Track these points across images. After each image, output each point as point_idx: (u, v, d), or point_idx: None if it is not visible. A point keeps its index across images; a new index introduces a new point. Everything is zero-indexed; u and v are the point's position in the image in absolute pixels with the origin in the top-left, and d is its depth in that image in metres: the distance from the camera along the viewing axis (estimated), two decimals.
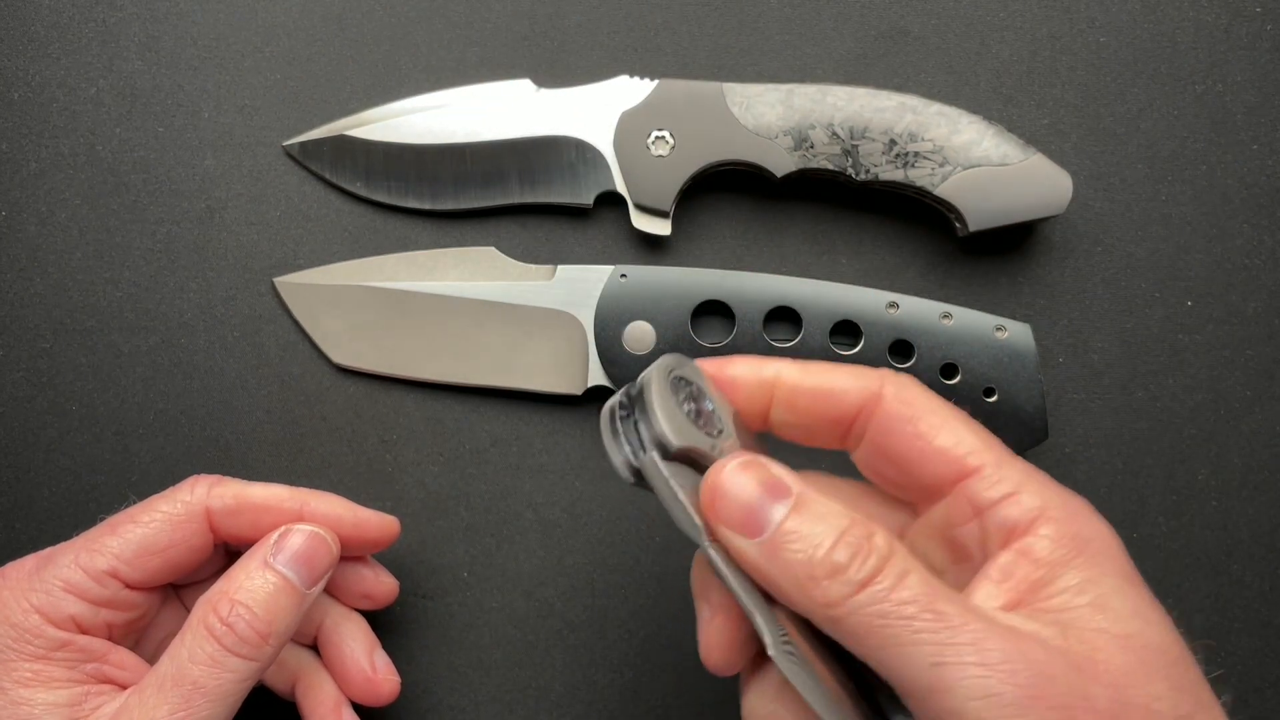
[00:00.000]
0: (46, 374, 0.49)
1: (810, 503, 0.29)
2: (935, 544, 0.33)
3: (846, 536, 0.28)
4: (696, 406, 0.33)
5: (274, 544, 0.37)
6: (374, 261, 0.48)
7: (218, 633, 0.34)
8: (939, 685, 0.26)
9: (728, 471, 0.30)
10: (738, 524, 0.29)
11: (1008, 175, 0.46)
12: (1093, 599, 0.29)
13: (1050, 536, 0.30)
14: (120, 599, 0.37)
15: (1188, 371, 0.49)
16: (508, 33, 0.50)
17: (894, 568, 0.28)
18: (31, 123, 0.50)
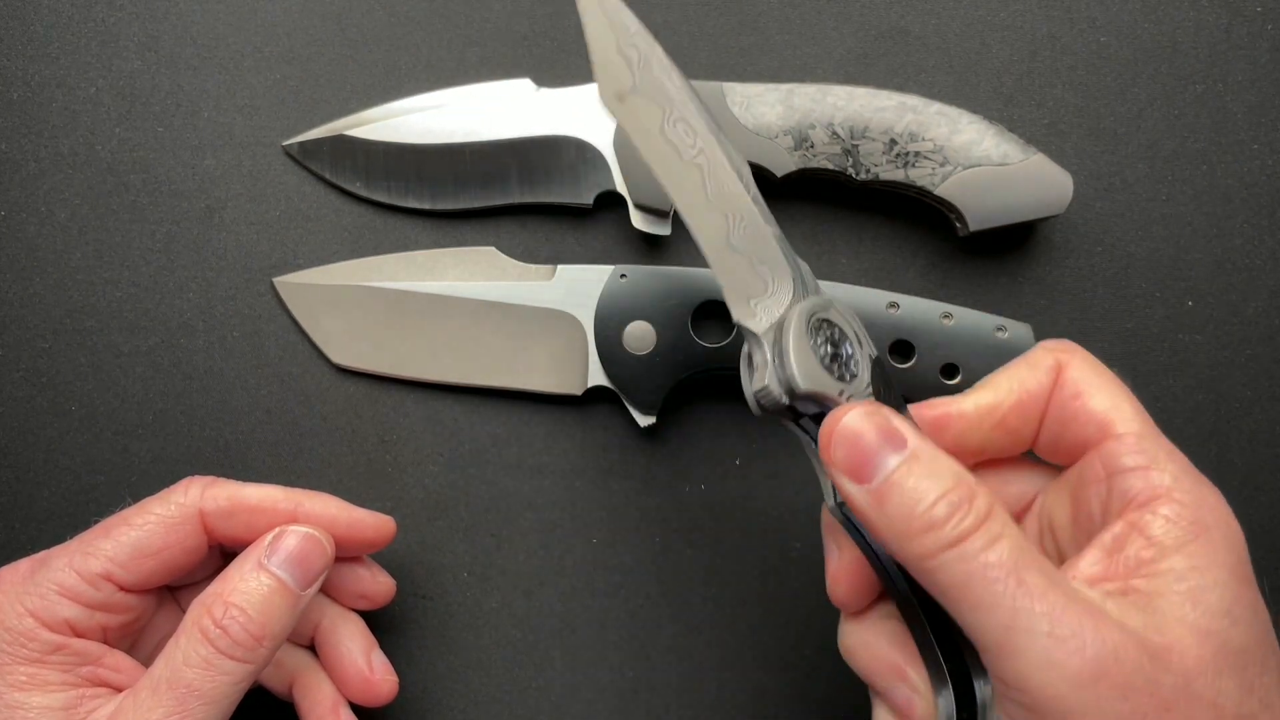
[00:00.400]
0: (46, 374, 0.49)
1: (922, 457, 0.30)
2: (1064, 501, 0.34)
3: (950, 495, 0.29)
4: (834, 350, 0.34)
5: (268, 545, 0.36)
6: (374, 261, 0.48)
7: (212, 635, 0.34)
8: (1009, 648, 0.27)
9: (847, 419, 0.31)
10: (849, 469, 0.30)
11: (1008, 175, 0.46)
12: (1190, 588, 0.29)
13: (1168, 516, 0.30)
14: (115, 602, 0.37)
15: (1188, 371, 0.49)
16: (508, 33, 0.50)
17: (988, 530, 0.29)
18: (31, 123, 0.50)
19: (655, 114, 0.36)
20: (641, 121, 0.36)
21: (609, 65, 0.36)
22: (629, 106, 0.36)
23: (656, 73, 0.36)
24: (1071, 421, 0.33)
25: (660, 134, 0.36)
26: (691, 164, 0.36)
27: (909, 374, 0.46)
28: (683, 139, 0.36)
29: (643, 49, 0.36)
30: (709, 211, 0.35)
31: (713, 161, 0.36)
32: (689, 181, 0.35)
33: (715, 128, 0.37)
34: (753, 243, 0.35)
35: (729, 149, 0.37)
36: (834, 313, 0.35)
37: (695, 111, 0.37)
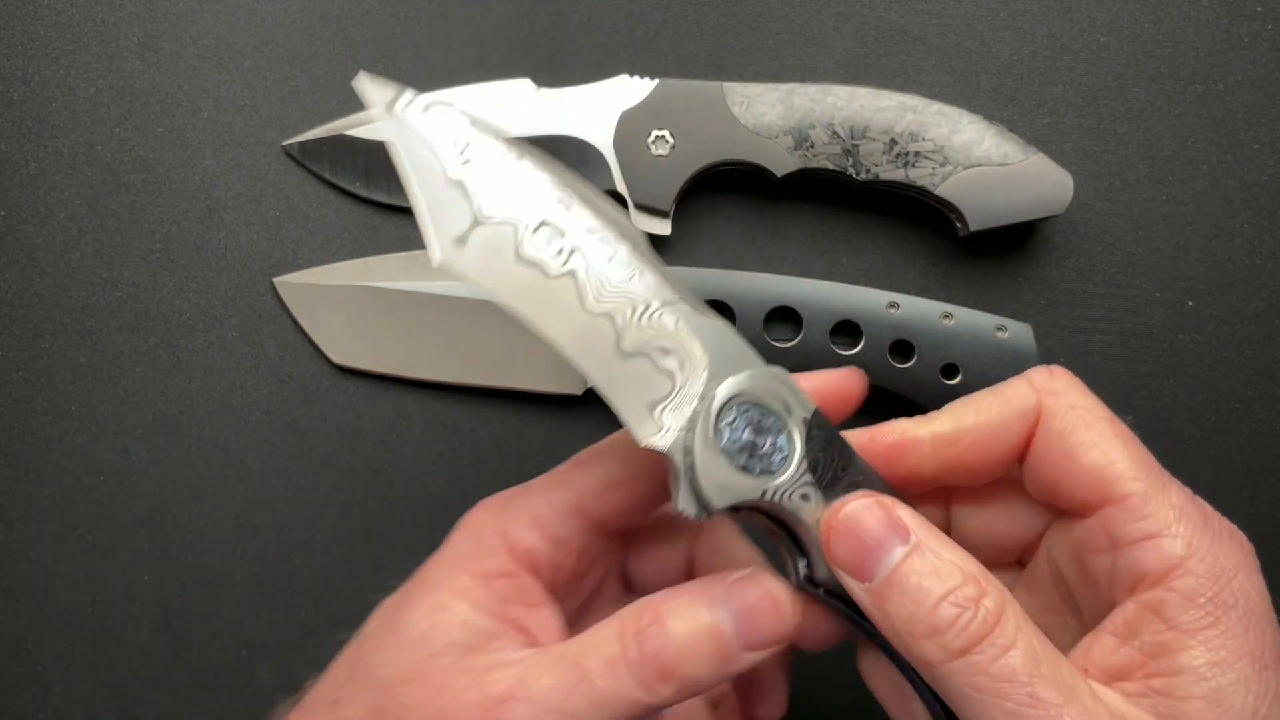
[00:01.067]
0: (46, 374, 0.49)
1: (926, 550, 0.28)
2: (1068, 552, 0.32)
3: (955, 594, 0.27)
4: (755, 439, 0.31)
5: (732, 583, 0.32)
6: (374, 261, 0.48)
7: (625, 638, 0.31)
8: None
9: (846, 511, 0.29)
10: (850, 566, 0.29)
11: (1008, 175, 0.46)
12: (1212, 689, 0.27)
13: (1185, 593, 0.28)
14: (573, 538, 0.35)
15: (1188, 371, 0.49)
16: (508, 33, 0.50)
17: (999, 637, 0.27)
18: (31, 123, 0.50)
19: (506, 239, 0.30)
20: (487, 259, 0.30)
21: (438, 207, 0.30)
22: (469, 249, 0.30)
23: (500, 175, 0.31)
24: (1063, 478, 0.31)
25: (516, 260, 0.30)
26: (561, 278, 0.31)
27: (909, 374, 0.46)
28: (545, 250, 0.31)
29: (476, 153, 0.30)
30: (592, 324, 0.31)
31: (589, 256, 0.31)
32: (560, 302, 0.31)
33: (585, 197, 0.32)
34: (653, 332, 0.31)
35: (608, 214, 0.32)
36: (754, 382, 0.31)
37: (556, 198, 0.31)
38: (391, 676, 0.32)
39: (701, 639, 0.30)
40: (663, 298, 0.31)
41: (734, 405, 0.31)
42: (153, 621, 0.48)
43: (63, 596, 0.48)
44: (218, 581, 0.48)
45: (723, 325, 0.32)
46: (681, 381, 0.31)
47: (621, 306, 0.31)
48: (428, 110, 0.30)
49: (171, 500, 0.48)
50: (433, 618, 0.33)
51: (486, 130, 0.31)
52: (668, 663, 0.30)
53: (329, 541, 0.48)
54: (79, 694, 0.48)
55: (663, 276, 0.32)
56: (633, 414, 0.30)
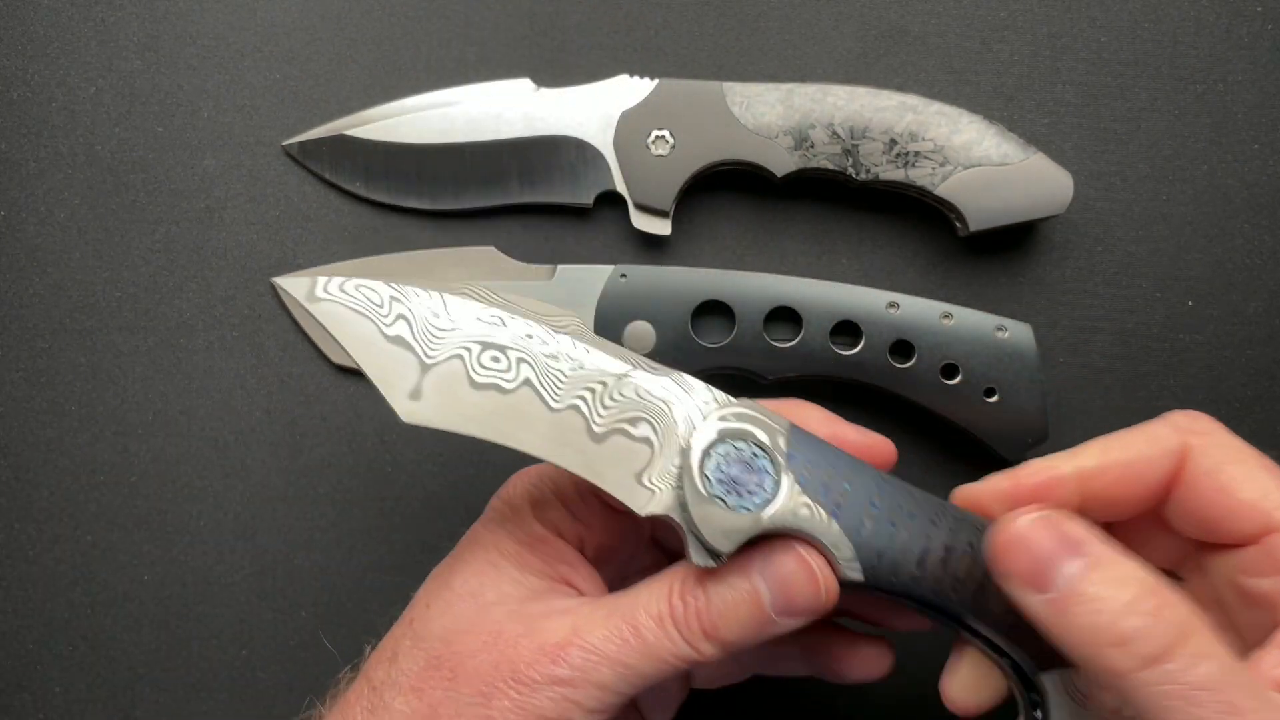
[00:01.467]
0: (46, 374, 0.49)
1: (1106, 562, 0.29)
2: (1226, 582, 0.33)
3: (1139, 604, 0.27)
4: (739, 476, 0.32)
5: (769, 554, 0.33)
6: (373, 261, 0.48)
7: (673, 599, 0.33)
8: None
9: (1017, 526, 0.29)
10: (1025, 578, 0.29)
11: (1008, 175, 0.46)
12: None
13: None
14: (595, 518, 0.37)
15: (1188, 371, 0.49)
16: (508, 33, 0.50)
17: (1190, 648, 0.27)
18: (31, 123, 0.50)
19: (457, 373, 0.33)
20: (449, 399, 0.32)
21: (386, 368, 0.33)
22: (427, 396, 0.33)
23: (430, 317, 0.33)
24: (1220, 512, 0.32)
25: (472, 389, 0.33)
26: (517, 390, 0.33)
27: (909, 374, 0.46)
28: (494, 370, 0.33)
29: (407, 307, 0.33)
30: (560, 421, 0.33)
31: (536, 360, 0.33)
32: (524, 413, 0.33)
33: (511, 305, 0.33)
34: (618, 407, 0.33)
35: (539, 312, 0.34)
36: (725, 424, 0.32)
37: (489, 318, 0.33)
38: (447, 629, 0.34)
39: (741, 604, 0.32)
40: (616, 371, 0.33)
41: (712, 452, 0.32)
42: (153, 621, 0.48)
43: (63, 596, 0.48)
44: (218, 581, 0.48)
45: (680, 376, 0.33)
46: (659, 444, 0.33)
47: (581, 395, 0.33)
48: (345, 287, 0.33)
49: (171, 500, 0.48)
50: (483, 575, 0.35)
51: (405, 284, 0.33)
52: (709, 624, 0.32)
53: (329, 541, 0.48)
54: (79, 694, 0.48)
55: (608, 352, 0.33)
56: (622, 489, 0.32)
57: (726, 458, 0.32)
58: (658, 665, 0.32)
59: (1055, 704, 0.32)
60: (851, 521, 0.32)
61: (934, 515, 0.33)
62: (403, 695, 0.33)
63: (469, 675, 0.33)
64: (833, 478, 0.32)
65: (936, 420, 0.46)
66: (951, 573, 0.32)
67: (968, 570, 0.32)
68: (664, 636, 0.32)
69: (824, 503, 0.32)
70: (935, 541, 0.32)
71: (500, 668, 0.32)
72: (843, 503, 0.32)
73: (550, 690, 0.32)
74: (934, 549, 0.32)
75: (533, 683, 0.32)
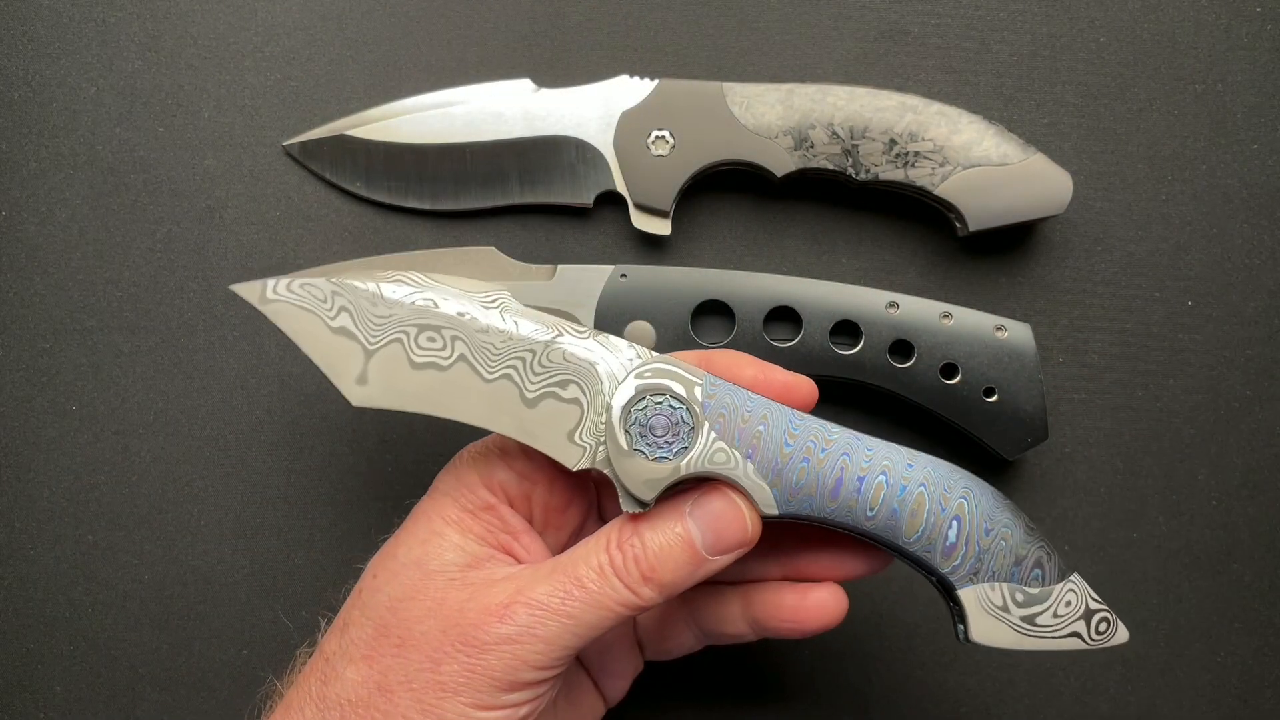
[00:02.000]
0: (46, 374, 0.49)
1: None
2: None
3: None
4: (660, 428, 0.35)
5: (696, 498, 0.36)
6: (373, 261, 0.48)
7: (611, 549, 0.35)
8: None
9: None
10: None
11: (1008, 175, 0.46)
12: None
13: None
14: (540, 476, 0.38)
15: (1188, 371, 0.49)
16: (508, 33, 0.50)
17: None
18: (31, 123, 0.50)
19: (399, 358, 0.36)
20: (392, 381, 0.36)
21: (334, 358, 0.36)
22: (373, 381, 0.36)
23: (369, 307, 0.36)
24: None
25: (412, 369, 0.36)
26: (454, 364, 0.36)
27: (909, 373, 0.46)
28: (432, 348, 0.36)
29: (346, 299, 0.36)
30: (495, 391, 0.35)
31: (468, 336, 0.36)
32: (461, 387, 0.35)
33: (443, 286, 0.36)
34: (549, 371, 0.35)
35: (470, 289, 0.36)
36: (643, 379, 0.35)
37: (421, 302, 0.36)
38: (392, 596, 0.35)
39: (675, 546, 0.35)
40: (544, 339, 0.36)
41: (632, 408, 0.35)
42: (153, 621, 0.48)
43: (63, 596, 0.48)
44: (218, 581, 0.48)
45: (605, 337, 0.36)
46: (587, 403, 0.35)
47: (512, 364, 0.36)
48: (291, 286, 0.36)
49: (171, 500, 0.48)
50: (426, 544, 0.36)
51: (344, 278, 0.36)
52: (648, 568, 0.34)
53: (329, 541, 0.48)
54: (79, 694, 0.48)
55: (537, 320, 0.36)
56: (556, 448, 0.35)
57: (646, 412, 0.35)
58: (601, 614, 0.34)
59: (972, 614, 0.36)
60: (767, 461, 0.35)
61: (848, 448, 0.35)
62: (354, 665, 0.35)
63: (417, 642, 0.34)
64: (748, 422, 0.35)
65: (936, 420, 0.46)
66: (865, 501, 0.35)
67: (881, 498, 0.35)
68: (606, 585, 0.34)
69: (739, 446, 0.35)
70: (850, 474, 0.35)
71: (448, 633, 0.34)
72: (757, 445, 0.35)
73: (499, 649, 0.33)
74: (848, 481, 0.35)
75: (481, 644, 0.33)
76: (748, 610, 0.40)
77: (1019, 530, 0.36)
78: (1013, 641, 0.36)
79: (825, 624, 0.39)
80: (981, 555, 0.35)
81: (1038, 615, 0.36)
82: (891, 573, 0.48)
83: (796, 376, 0.38)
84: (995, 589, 0.36)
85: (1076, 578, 0.36)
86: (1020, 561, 0.36)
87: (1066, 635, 0.36)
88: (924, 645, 0.48)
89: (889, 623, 0.48)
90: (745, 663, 0.48)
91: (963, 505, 0.35)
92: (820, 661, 0.48)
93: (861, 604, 0.48)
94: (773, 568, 0.40)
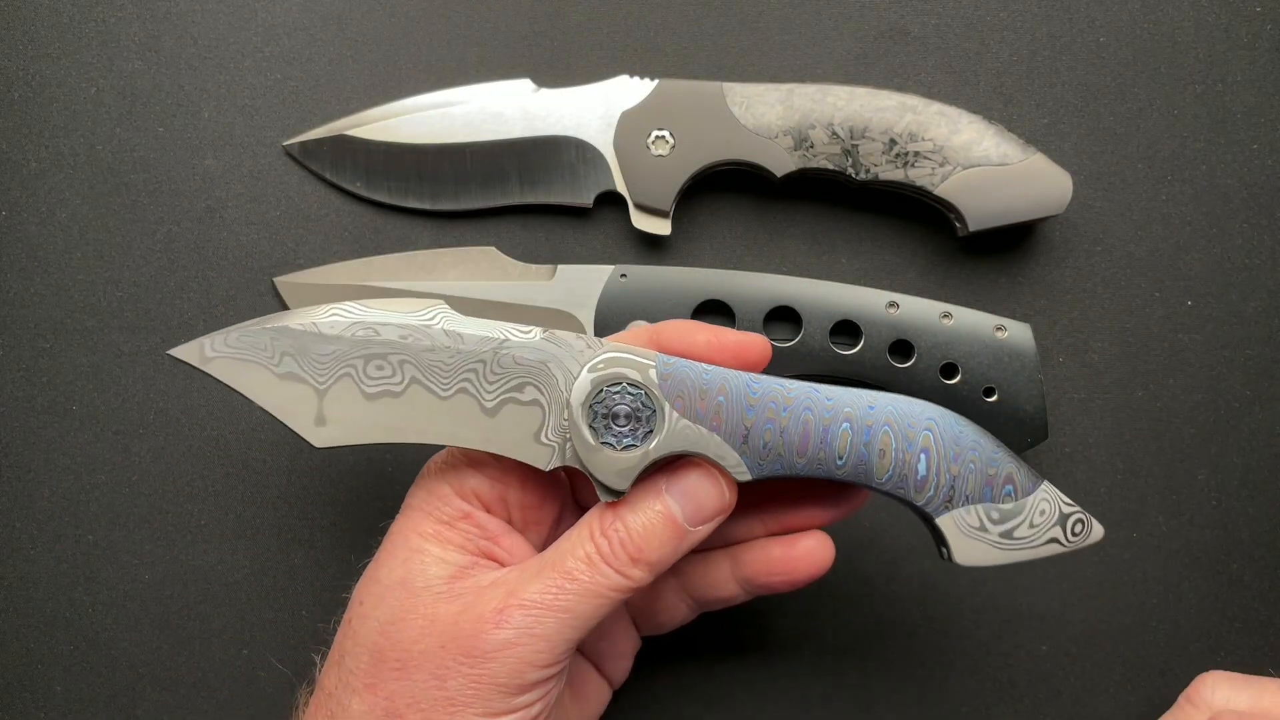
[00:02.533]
0: (46, 374, 0.49)
1: None
2: None
3: None
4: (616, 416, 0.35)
5: (670, 474, 0.36)
6: (374, 261, 0.48)
7: (596, 538, 0.35)
8: None
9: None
10: None
11: (1008, 175, 0.46)
12: None
13: None
14: (511, 478, 0.38)
15: (1188, 371, 0.49)
16: (508, 33, 0.50)
17: None
18: (31, 123, 0.50)
19: (351, 392, 0.36)
20: (349, 416, 0.35)
21: (286, 404, 0.36)
22: (330, 422, 0.36)
23: (310, 348, 0.36)
24: None
25: (367, 402, 0.35)
26: (407, 389, 0.35)
27: (909, 373, 0.46)
28: (381, 376, 0.36)
29: (287, 342, 0.36)
30: (453, 407, 0.35)
31: (416, 358, 0.36)
32: (420, 409, 0.35)
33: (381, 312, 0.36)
34: (503, 376, 0.35)
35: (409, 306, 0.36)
36: (596, 372, 0.35)
37: (362, 333, 0.36)
38: (383, 620, 0.35)
39: (658, 523, 0.35)
40: (491, 346, 0.35)
41: (589, 403, 0.35)
42: (153, 621, 0.48)
43: (63, 596, 0.48)
44: (218, 581, 0.48)
45: (550, 333, 0.36)
46: (547, 403, 0.35)
47: (466, 377, 0.35)
48: (229, 340, 0.36)
49: (171, 500, 0.48)
50: (408, 563, 0.36)
51: (278, 321, 0.36)
52: (635, 549, 0.35)
53: (329, 541, 0.48)
54: (79, 693, 0.48)
55: (480, 328, 0.36)
56: (524, 452, 0.35)
57: (605, 404, 0.35)
58: (596, 603, 0.34)
59: (953, 539, 0.37)
60: (732, 430, 0.35)
61: (809, 403, 0.36)
62: (357, 695, 0.34)
63: (418, 662, 0.34)
64: (707, 394, 0.35)
65: None
66: (833, 451, 0.36)
67: (849, 445, 0.36)
68: (596, 573, 0.34)
69: (703, 421, 0.35)
70: (814, 428, 0.36)
71: (447, 648, 0.34)
72: (720, 416, 0.35)
73: (500, 655, 0.33)
74: (813, 435, 0.36)
75: (483, 653, 0.33)
76: (737, 570, 0.40)
77: (985, 451, 0.37)
78: (994, 558, 0.37)
79: (815, 571, 0.39)
80: (954, 482, 0.36)
81: (1015, 529, 0.37)
82: (892, 571, 0.48)
83: (748, 334, 0.38)
84: (970, 511, 0.37)
85: (1047, 485, 0.37)
86: (991, 481, 0.37)
87: (1045, 543, 0.37)
88: (924, 645, 0.48)
89: (889, 623, 0.48)
90: (738, 625, 0.48)
91: (928, 438, 0.36)
92: (821, 662, 0.48)
93: (862, 604, 0.48)
94: (755, 525, 0.41)
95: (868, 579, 0.48)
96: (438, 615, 0.34)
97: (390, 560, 0.36)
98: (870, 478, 0.36)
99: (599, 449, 0.35)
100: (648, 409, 0.35)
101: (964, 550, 0.37)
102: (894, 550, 0.48)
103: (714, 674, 0.48)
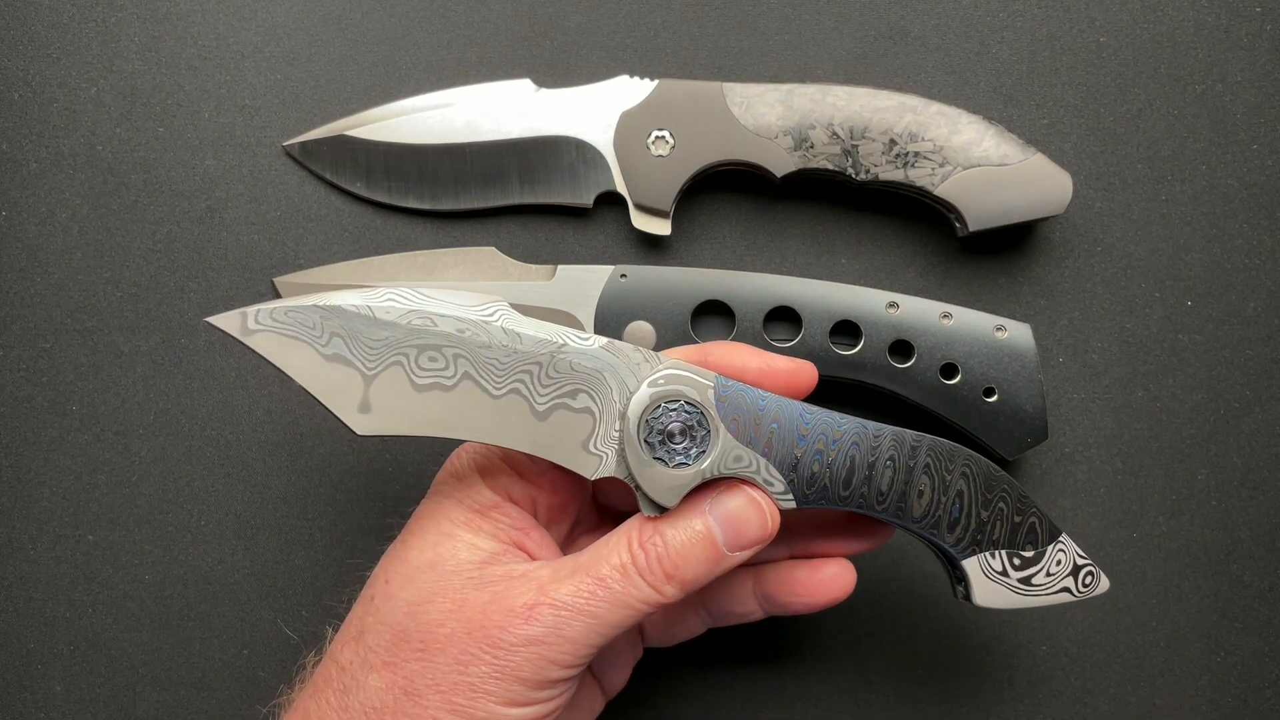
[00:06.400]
0: (46, 374, 0.49)
1: None
2: None
3: None
4: (671, 434, 0.35)
5: (716, 495, 0.36)
6: (374, 261, 0.48)
7: (633, 548, 0.35)
8: None
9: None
10: None
11: (1008, 175, 0.46)
12: None
13: None
14: (544, 479, 0.38)
15: (1188, 371, 0.49)
16: (508, 33, 0.50)
17: None
18: (31, 123, 0.50)
19: (401, 381, 0.35)
20: (396, 406, 0.34)
21: (331, 387, 0.34)
22: (375, 408, 0.34)
23: (364, 331, 0.34)
24: None
25: (416, 393, 0.35)
26: (459, 384, 0.35)
27: (908, 373, 0.46)
28: (434, 368, 0.35)
29: (338, 323, 0.34)
30: (504, 408, 0.35)
31: (471, 354, 0.35)
32: (469, 406, 0.35)
33: (438, 302, 0.35)
34: (558, 382, 0.35)
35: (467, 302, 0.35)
36: (656, 388, 0.35)
37: (418, 322, 0.35)
38: (410, 601, 0.35)
39: (697, 544, 0.35)
40: (549, 350, 0.35)
41: (648, 417, 0.35)
42: (153, 621, 0.48)
43: (63, 596, 0.48)
44: (218, 581, 0.48)
45: (609, 343, 0.35)
46: (599, 412, 0.35)
47: (520, 378, 0.35)
48: (275, 315, 0.34)
49: (171, 500, 0.48)
50: (439, 546, 0.36)
51: (329, 300, 0.34)
52: (670, 566, 0.34)
53: (329, 541, 0.48)
54: (79, 693, 0.48)
55: (539, 330, 0.35)
56: (572, 459, 0.35)
57: (661, 420, 0.35)
58: (625, 613, 0.34)
59: (975, 581, 0.38)
60: (782, 457, 0.36)
61: (857, 439, 0.36)
62: (375, 672, 0.34)
63: (441, 645, 0.34)
64: (761, 419, 0.35)
65: (936, 420, 0.46)
66: (876, 488, 0.37)
67: (890, 483, 0.37)
68: (629, 584, 0.34)
69: (755, 445, 0.35)
70: (859, 464, 0.36)
71: (473, 635, 0.34)
72: (772, 443, 0.36)
73: (526, 650, 0.33)
74: (858, 471, 0.36)
75: (509, 645, 0.33)
76: (759, 588, 0.41)
77: (1014, 500, 0.38)
78: (1011, 602, 0.38)
79: (837, 597, 0.40)
80: (982, 527, 0.37)
81: (1033, 576, 0.38)
82: (890, 573, 0.48)
83: (797, 362, 0.38)
84: (995, 556, 0.38)
85: (1064, 537, 0.38)
86: (1016, 529, 0.37)
87: (1058, 591, 0.38)
88: (924, 646, 0.48)
89: (888, 624, 0.48)
90: (742, 642, 0.48)
91: (963, 483, 0.37)
92: (821, 662, 0.48)
93: (860, 606, 0.48)
94: (780, 549, 0.41)
95: (866, 581, 0.48)
96: (466, 601, 0.34)
97: (420, 542, 0.36)
98: (907, 517, 0.37)
99: (651, 464, 0.35)
100: (703, 429, 0.35)
101: (984, 592, 0.38)
102: (894, 552, 0.48)
103: (711, 682, 0.48)
